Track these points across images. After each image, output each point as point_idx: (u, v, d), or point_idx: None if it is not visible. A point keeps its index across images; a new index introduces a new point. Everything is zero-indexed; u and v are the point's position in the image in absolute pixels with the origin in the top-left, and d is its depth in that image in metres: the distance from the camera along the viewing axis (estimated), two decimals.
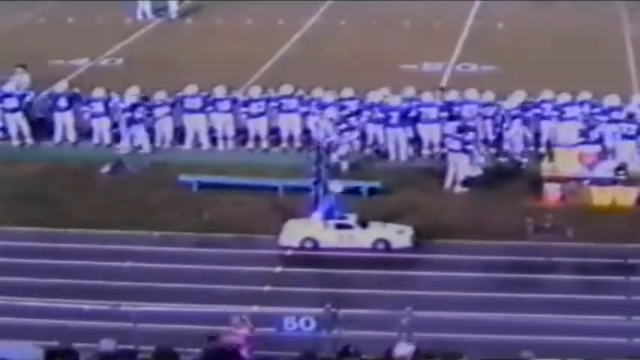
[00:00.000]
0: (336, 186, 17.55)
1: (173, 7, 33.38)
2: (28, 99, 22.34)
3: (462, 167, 19.52)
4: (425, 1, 33.16)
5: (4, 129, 22.31)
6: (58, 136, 22.15)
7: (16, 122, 22.13)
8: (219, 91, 21.77)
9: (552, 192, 19.11)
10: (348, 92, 21.65)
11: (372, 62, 26.67)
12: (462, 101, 21.28)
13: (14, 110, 22.10)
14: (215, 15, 32.20)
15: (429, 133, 21.11)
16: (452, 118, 20.74)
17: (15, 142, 22.20)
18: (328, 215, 17.44)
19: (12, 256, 17.05)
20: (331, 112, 20.80)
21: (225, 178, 20.04)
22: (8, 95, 22.21)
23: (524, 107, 20.87)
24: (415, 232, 17.52)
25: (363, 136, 21.32)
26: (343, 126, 20.69)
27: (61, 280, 16.12)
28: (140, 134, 21.69)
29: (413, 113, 21.08)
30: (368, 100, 21.44)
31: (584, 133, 20.00)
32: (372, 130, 21.25)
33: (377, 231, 17.50)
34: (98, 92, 21.95)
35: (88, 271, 16.55)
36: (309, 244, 17.46)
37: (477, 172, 19.55)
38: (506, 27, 30.37)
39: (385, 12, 32.08)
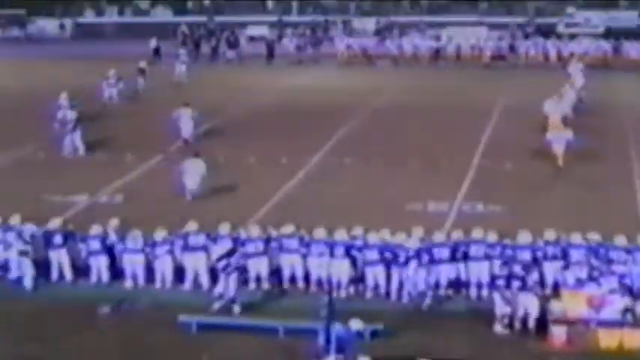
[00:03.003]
0: (357, 324, 17.06)
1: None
2: (28, 234, 21.84)
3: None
4: (431, 139, 33.65)
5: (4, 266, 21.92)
6: (54, 275, 21.76)
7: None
8: (222, 229, 21.50)
9: (558, 334, 18.62)
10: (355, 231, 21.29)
11: (377, 201, 26.49)
12: (468, 241, 20.97)
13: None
14: (217, 152, 32.26)
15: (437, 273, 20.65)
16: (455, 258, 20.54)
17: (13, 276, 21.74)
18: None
19: None
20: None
21: (225, 319, 19.55)
22: (9, 229, 21.86)
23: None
24: None
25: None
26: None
27: None
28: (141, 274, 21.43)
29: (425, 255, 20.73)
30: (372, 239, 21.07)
31: (591, 275, 19.63)
32: (372, 270, 20.78)
33: None
34: (95, 230, 21.70)
35: None
36: None
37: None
38: (513, 166, 30.35)
39: (391, 150, 32.23)
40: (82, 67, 50.34)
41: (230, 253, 20.46)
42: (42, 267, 21.81)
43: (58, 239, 21.79)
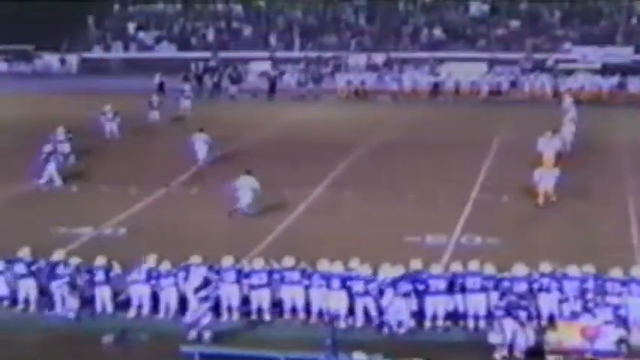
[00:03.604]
0: (360, 355, 17.35)
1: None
2: (36, 266, 22.35)
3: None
4: (430, 173, 34.03)
5: (14, 297, 22.33)
6: (58, 305, 22.08)
7: (26, 289, 22.16)
8: (226, 262, 21.89)
9: None
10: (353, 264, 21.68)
11: (376, 234, 26.87)
12: (465, 273, 21.33)
13: (24, 276, 22.19)
14: (221, 185, 32.60)
15: (435, 304, 21.06)
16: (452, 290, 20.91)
17: (19, 307, 22.14)
18: None
19: None
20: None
21: (227, 349, 19.83)
22: (18, 261, 22.37)
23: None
24: None
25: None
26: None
27: None
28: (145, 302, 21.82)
29: (421, 286, 21.11)
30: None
31: (586, 306, 19.95)
32: (362, 301, 21.12)
33: None
34: (100, 261, 22.08)
35: None
36: None
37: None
38: (510, 200, 30.76)
39: (390, 184, 32.61)
40: (87, 102, 50.78)
41: (206, 284, 20.88)
42: (46, 298, 22.21)
43: (60, 270, 22.10)
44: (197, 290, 20.88)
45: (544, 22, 69.45)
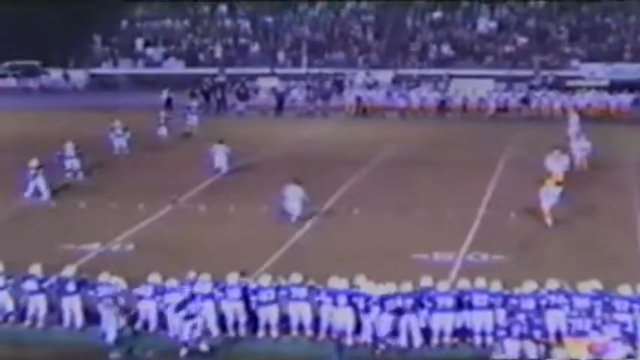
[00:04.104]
0: None
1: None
2: (47, 283, 22.40)
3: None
4: (438, 190, 34.06)
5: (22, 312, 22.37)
6: (66, 321, 22.14)
7: (35, 305, 22.20)
8: (232, 278, 21.91)
9: None
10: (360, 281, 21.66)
11: (384, 251, 26.87)
12: (472, 290, 21.33)
13: (33, 293, 22.25)
14: (229, 201, 32.71)
15: (442, 322, 21.06)
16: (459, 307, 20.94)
17: (27, 323, 22.16)
18: None
19: None
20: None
21: None
22: (29, 277, 22.42)
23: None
24: None
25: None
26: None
27: None
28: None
29: (427, 302, 21.13)
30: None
31: (594, 323, 19.94)
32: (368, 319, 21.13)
33: None
34: (104, 277, 22.09)
35: None
36: None
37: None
38: (518, 217, 30.77)
39: (398, 201, 32.63)
40: (95, 118, 50.99)
41: (187, 301, 20.90)
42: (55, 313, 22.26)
43: (71, 287, 22.21)
44: (178, 308, 20.89)
45: (552, 39, 69.53)
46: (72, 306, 22.16)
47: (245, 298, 21.74)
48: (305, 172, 37.34)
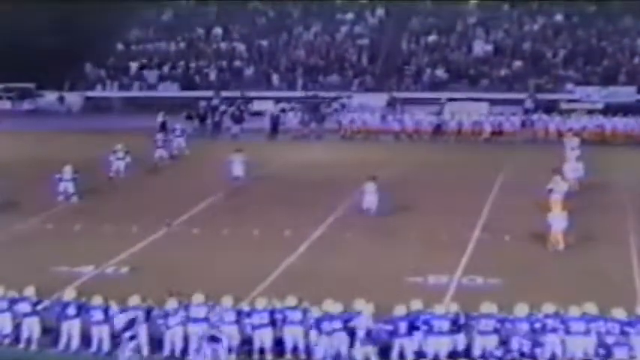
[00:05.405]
0: None
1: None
2: (42, 305, 22.41)
3: None
4: (432, 213, 34.06)
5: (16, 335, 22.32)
6: (62, 344, 22.04)
7: (29, 327, 22.16)
8: (226, 302, 21.85)
9: None
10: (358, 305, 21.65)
11: (378, 275, 26.82)
12: (467, 314, 21.25)
13: (27, 315, 22.22)
14: (222, 225, 32.66)
15: (438, 345, 21.00)
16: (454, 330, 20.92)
17: (20, 346, 22.09)
18: None
19: None
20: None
21: None
22: (23, 300, 22.38)
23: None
24: None
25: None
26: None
27: None
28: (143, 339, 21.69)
29: (422, 325, 21.06)
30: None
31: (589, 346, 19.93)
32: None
33: None
34: (97, 300, 22.09)
35: None
36: None
37: None
38: (512, 241, 30.73)
39: (392, 224, 32.61)
40: (90, 141, 50.96)
41: (132, 323, 20.89)
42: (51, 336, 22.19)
43: (72, 310, 22.16)
44: (124, 330, 20.86)
45: (547, 62, 69.68)
46: (71, 329, 22.11)
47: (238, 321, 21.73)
48: (299, 195, 37.53)
